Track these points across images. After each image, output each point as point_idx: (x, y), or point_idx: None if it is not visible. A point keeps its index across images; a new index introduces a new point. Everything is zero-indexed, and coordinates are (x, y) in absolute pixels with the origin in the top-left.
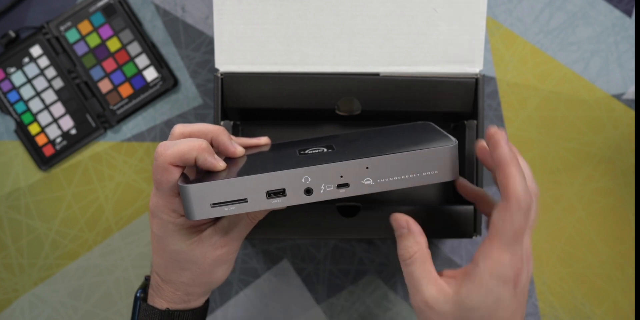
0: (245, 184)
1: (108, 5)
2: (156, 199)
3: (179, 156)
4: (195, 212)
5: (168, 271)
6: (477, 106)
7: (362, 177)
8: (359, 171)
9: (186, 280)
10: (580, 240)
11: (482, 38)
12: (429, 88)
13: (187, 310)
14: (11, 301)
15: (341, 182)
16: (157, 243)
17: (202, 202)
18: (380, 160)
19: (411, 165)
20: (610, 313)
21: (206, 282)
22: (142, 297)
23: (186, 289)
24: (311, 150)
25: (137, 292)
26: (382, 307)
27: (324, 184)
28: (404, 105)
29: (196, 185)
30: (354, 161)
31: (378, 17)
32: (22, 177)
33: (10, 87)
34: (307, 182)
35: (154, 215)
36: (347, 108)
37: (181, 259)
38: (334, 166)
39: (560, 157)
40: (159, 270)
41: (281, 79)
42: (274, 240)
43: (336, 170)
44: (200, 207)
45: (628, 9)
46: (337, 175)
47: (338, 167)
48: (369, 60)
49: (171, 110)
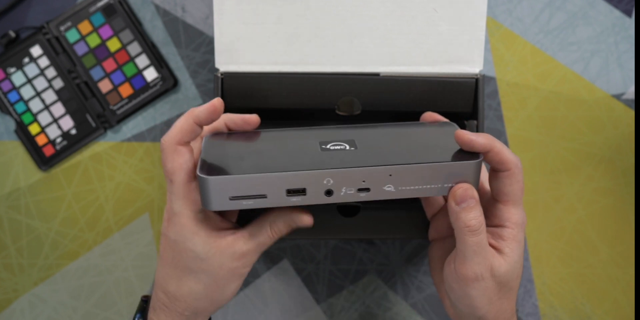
0: (266, 181)
1: (108, 5)
2: (174, 198)
3: (178, 131)
4: (213, 203)
5: (181, 284)
6: (477, 106)
7: (384, 184)
8: (382, 177)
9: (197, 295)
10: (580, 240)
11: (482, 38)
12: (429, 88)
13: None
14: (11, 301)
15: (363, 186)
16: (170, 251)
17: (221, 194)
18: (405, 169)
19: (435, 176)
20: (611, 313)
21: (217, 299)
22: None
23: (195, 306)
24: (333, 145)
25: (135, 317)
26: (382, 307)
27: (345, 187)
28: (404, 105)
29: (216, 178)
30: (379, 168)
31: (378, 17)
32: (22, 177)
33: (11, 87)
34: (329, 184)
35: (172, 218)
36: (347, 108)
37: (197, 269)
38: (358, 171)
39: (560, 157)
40: (169, 285)
41: (281, 78)
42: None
43: (360, 175)
44: (219, 199)
45: (628, 9)
46: (360, 180)
47: (362, 172)
48: (369, 60)
49: (171, 110)
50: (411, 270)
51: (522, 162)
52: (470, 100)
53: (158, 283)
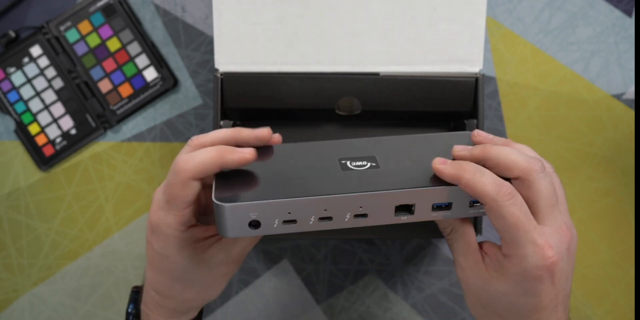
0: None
1: (108, 5)
2: (163, 213)
3: (200, 169)
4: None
5: (172, 289)
6: (477, 105)
7: None
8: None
9: (189, 297)
10: (580, 240)
11: (482, 37)
12: (429, 87)
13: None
14: (11, 301)
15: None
16: (158, 262)
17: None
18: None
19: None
20: (611, 313)
21: (207, 298)
22: (134, 313)
23: (188, 304)
24: (354, 163)
25: (128, 307)
26: (382, 307)
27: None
28: (404, 104)
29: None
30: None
31: (378, 17)
32: (22, 177)
33: (10, 87)
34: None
35: (156, 231)
36: (347, 108)
37: (186, 277)
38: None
39: (560, 157)
40: (161, 288)
41: (281, 78)
42: (274, 240)
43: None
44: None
45: (628, 9)
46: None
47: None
48: (369, 59)
49: (171, 110)
50: (411, 270)
51: None
52: (470, 99)
53: (149, 283)
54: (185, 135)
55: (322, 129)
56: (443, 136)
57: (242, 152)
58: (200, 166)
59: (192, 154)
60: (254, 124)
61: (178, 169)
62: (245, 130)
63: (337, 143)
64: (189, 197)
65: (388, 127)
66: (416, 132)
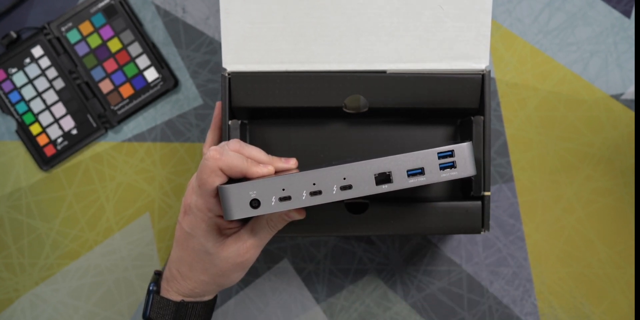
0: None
1: (109, 6)
2: (196, 197)
3: (228, 164)
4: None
5: (192, 269)
6: (484, 102)
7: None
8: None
9: (206, 279)
10: (579, 240)
11: (488, 34)
12: (436, 85)
13: (199, 302)
14: (12, 301)
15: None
16: (183, 240)
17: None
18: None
19: None
20: (610, 313)
21: (222, 284)
22: (156, 290)
23: (204, 287)
24: None
25: (150, 285)
26: (382, 307)
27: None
28: (411, 102)
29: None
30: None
31: (384, 15)
32: (23, 177)
33: (12, 87)
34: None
35: (188, 212)
36: (354, 106)
37: (206, 260)
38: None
39: (560, 157)
40: (181, 266)
41: (288, 77)
42: (275, 239)
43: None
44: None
45: (627, 9)
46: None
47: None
48: (376, 57)
49: (172, 111)
50: (411, 270)
51: (521, 162)
52: (477, 96)
53: (172, 261)
54: (185, 135)
55: (330, 127)
56: None
57: (266, 169)
58: (229, 161)
59: (225, 149)
60: (262, 123)
61: (211, 156)
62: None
63: None
64: (214, 185)
65: (395, 124)
66: (423, 129)
